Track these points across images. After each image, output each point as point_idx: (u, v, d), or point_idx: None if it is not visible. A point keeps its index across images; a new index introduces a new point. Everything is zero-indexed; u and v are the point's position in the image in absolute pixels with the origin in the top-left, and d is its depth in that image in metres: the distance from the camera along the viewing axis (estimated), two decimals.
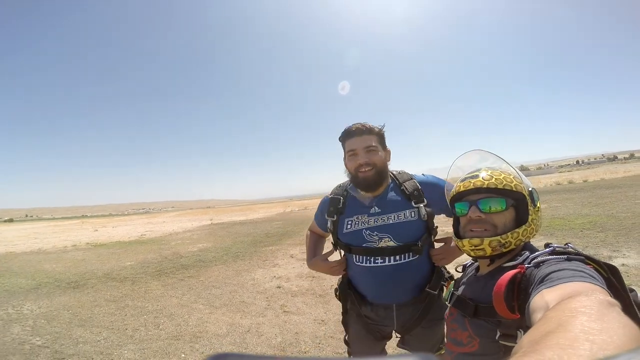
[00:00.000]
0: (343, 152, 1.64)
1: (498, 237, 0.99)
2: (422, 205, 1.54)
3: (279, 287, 5.56)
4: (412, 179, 1.62)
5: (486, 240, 1.00)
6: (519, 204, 1.03)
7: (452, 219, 1.59)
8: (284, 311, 4.44)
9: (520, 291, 0.83)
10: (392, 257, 1.52)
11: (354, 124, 1.57)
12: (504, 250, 1.01)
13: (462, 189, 1.09)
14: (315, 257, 1.77)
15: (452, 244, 1.53)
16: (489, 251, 1.01)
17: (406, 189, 1.58)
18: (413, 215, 1.54)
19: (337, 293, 1.74)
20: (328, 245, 1.80)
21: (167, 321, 4.43)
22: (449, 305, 1.18)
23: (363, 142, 1.54)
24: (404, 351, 1.62)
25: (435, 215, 1.61)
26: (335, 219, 1.65)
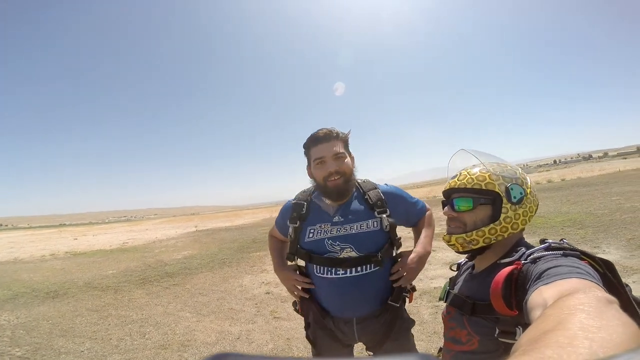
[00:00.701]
0: (307, 160, 1.59)
1: (463, 235, 1.04)
2: (384, 215, 1.52)
3: (268, 293, 5.48)
4: (376, 188, 1.61)
5: (453, 237, 1.07)
6: (495, 201, 1.03)
7: (406, 227, 1.68)
8: (275, 317, 4.38)
9: (518, 287, 0.83)
10: (353, 269, 1.48)
11: (321, 130, 1.52)
12: (473, 247, 1.04)
13: (444, 189, 1.16)
14: (284, 265, 1.70)
15: (411, 257, 1.52)
16: (459, 247, 1.07)
17: (370, 198, 1.56)
18: (375, 225, 1.52)
19: (297, 306, 1.67)
20: None
21: (153, 330, 4.30)
22: (445, 303, 1.18)
23: (331, 149, 1.49)
24: None
25: (397, 226, 1.60)
26: (297, 225, 1.58)
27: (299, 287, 1.60)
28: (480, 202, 1.04)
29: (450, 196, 1.12)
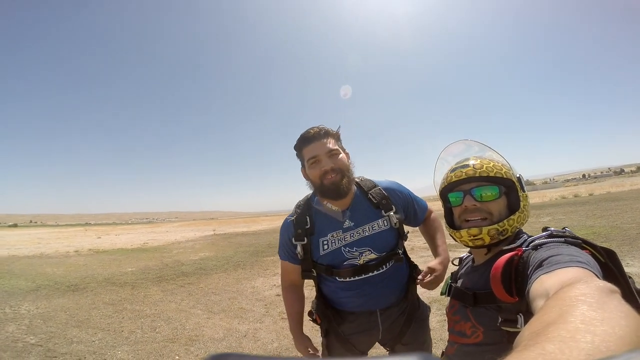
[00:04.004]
0: (301, 162, 1.52)
1: (496, 226, 0.98)
2: (391, 212, 1.49)
3: (279, 295, 5.48)
4: (376, 186, 1.56)
5: (485, 229, 0.99)
6: (509, 190, 1.03)
7: (412, 227, 1.67)
8: (282, 318, 4.37)
9: (518, 274, 0.81)
10: (375, 270, 1.46)
11: (310, 129, 1.46)
12: (502, 238, 1.00)
13: (454, 178, 1.07)
14: (300, 334, 1.59)
15: (438, 266, 1.46)
16: (487, 240, 1.00)
17: (373, 197, 1.51)
18: (386, 224, 1.49)
19: (314, 316, 1.57)
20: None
21: (164, 325, 4.39)
22: (448, 298, 1.17)
23: (324, 147, 1.42)
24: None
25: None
26: (305, 242, 1.48)
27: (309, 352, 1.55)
28: (503, 191, 1.02)
29: (456, 187, 1.08)
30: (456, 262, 1.31)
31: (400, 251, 1.50)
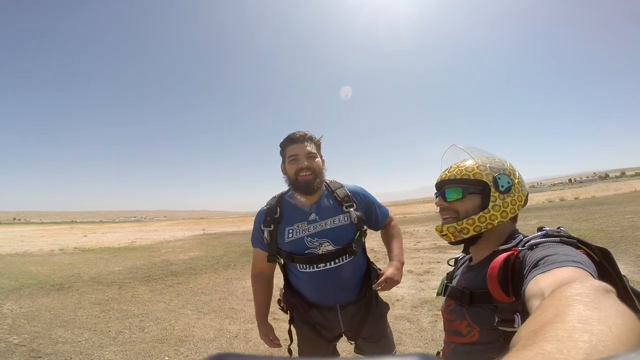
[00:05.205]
0: (282, 158, 1.72)
1: (454, 224, 1.06)
2: (352, 209, 1.68)
3: None
4: (342, 186, 1.78)
5: (445, 227, 1.08)
6: (484, 191, 1.06)
7: (374, 231, 1.86)
8: (274, 318, 4.32)
9: (514, 273, 0.83)
10: (332, 262, 1.62)
11: (297, 132, 1.69)
12: (464, 236, 1.05)
13: (436, 182, 1.19)
14: (264, 321, 1.78)
15: (389, 272, 1.57)
16: (451, 237, 1.08)
17: (338, 195, 1.72)
18: (346, 219, 1.67)
19: (281, 304, 1.77)
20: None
21: (152, 325, 4.31)
22: (443, 297, 1.19)
23: (305, 149, 1.65)
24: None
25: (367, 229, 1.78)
26: (272, 228, 1.68)
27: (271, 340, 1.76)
28: (470, 192, 1.07)
29: (441, 188, 1.15)
30: (451, 262, 1.37)
31: (354, 245, 1.64)
